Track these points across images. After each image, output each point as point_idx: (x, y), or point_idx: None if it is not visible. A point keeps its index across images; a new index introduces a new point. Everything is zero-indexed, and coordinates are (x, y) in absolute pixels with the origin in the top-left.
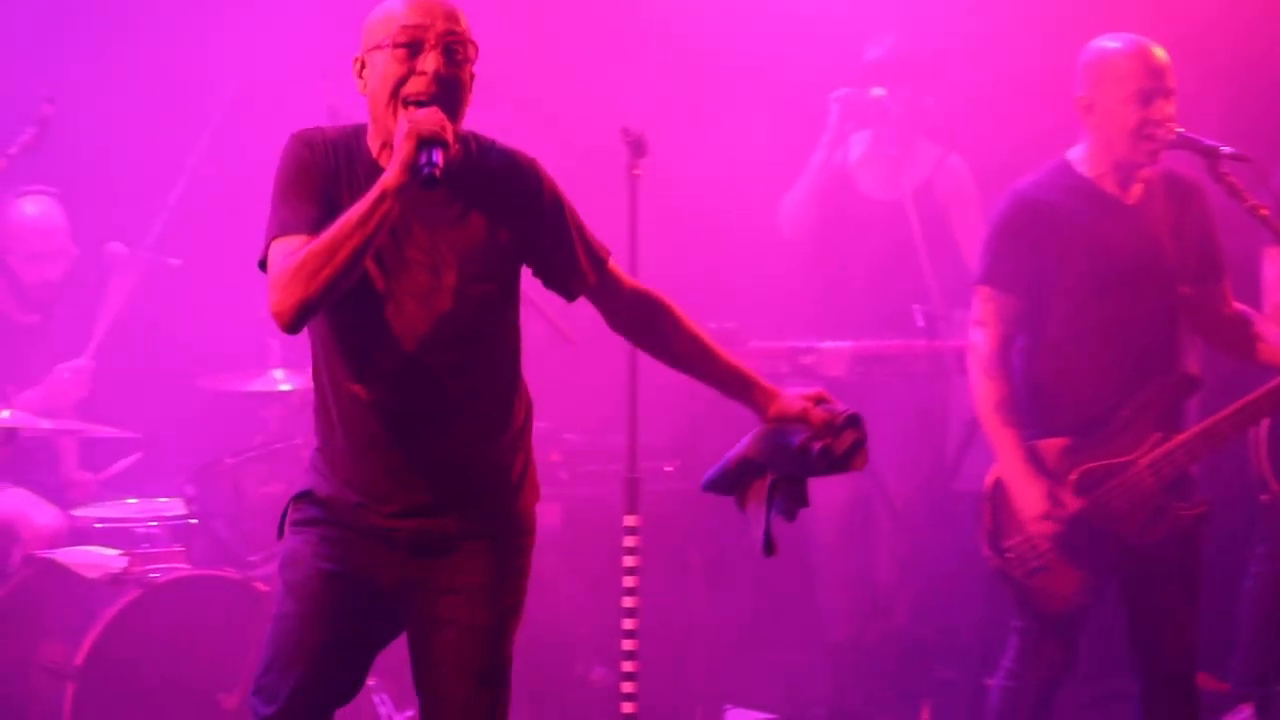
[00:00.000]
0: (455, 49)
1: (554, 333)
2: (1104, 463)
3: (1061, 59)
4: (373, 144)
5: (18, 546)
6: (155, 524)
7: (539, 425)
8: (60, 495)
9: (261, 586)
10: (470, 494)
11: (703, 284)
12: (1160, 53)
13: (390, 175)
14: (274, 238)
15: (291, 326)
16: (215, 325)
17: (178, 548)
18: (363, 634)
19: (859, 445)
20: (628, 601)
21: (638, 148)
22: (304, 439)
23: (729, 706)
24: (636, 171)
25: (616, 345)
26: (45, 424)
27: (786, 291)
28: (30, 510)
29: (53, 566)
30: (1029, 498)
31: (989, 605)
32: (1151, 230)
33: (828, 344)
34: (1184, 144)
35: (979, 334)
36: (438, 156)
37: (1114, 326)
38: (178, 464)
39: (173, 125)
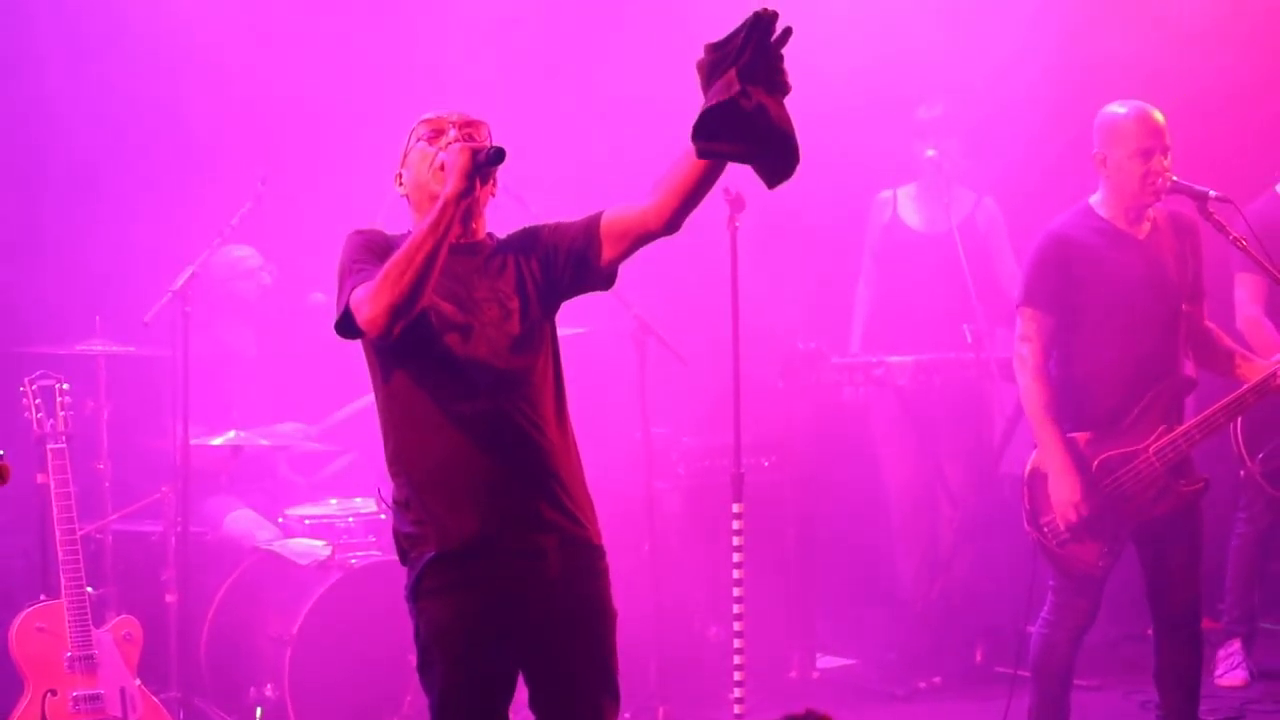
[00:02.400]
0: (472, 132)
1: (671, 355)
2: (1120, 451)
3: (1074, 119)
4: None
5: (242, 555)
6: (353, 520)
7: (662, 431)
8: (276, 497)
9: None
10: (562, 492)
11: (793, 310)
12: (1159, 116)
13: (451, 186)
14: (353, 289)
15: (385, 331)
16: None
17: (371, 538)
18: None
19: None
20: (736, 572)
21: (737, 204)
22: None
23: (820, 654)
24: (736, 224)
25: (724, 364)
26: (264, 441)
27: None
28: (254, 529)
29: (273, 556)
30: (1065, 486)
31: (1029, 566)
32: (1158, 259)
33: (894, 358)
34: (1180, 189)
35: (1025, 347)
36: (494, 149)
37: (1129, 338)
38: (375, 469)
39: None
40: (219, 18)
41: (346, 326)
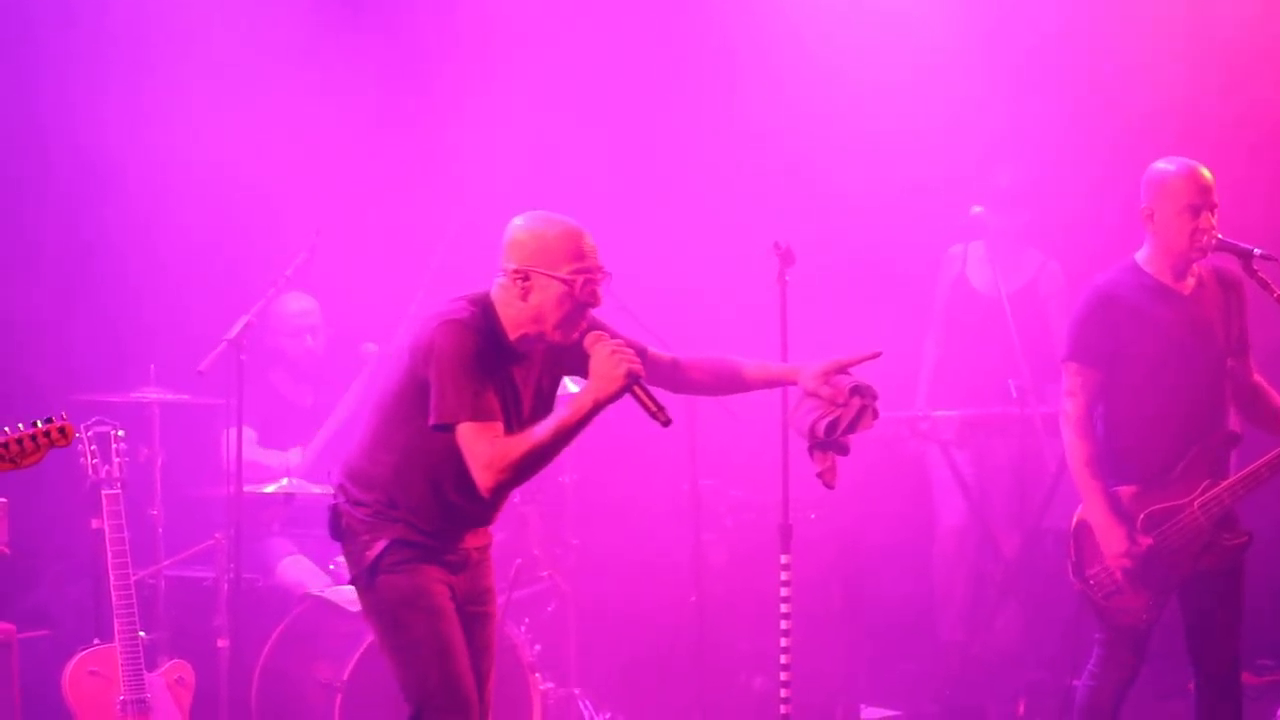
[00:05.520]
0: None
1: (720, 409)
2: (1165, 505)
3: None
4: (509, 329)
5: (293, 602)
6: None
7: (710, 483)
8: (329, 544)
9: None
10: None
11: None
12: (1207, 173)
13: (603, 396)
14: (468, 419)
15: (495, 500)
16: None
17: None
18: None
19: (864, 410)
20: (784, 624)
21: (786, 258)
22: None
23: (863, 705)
24: (786, 278)
25: (773, 417)
26: (316, 489)
27: (909, 370)
28: (306, 578)
29: (324, 603)
30: (1112, 539)
31: (1073, 619)
32: (1203, 315)
33: (940, 413)
34: (1225, 247)
35: (1069, 403)
36: (655, 398)
37: (1174, 393)
38: None
39: (419, 245)
40: (274, 71)
41: (442, 427)
